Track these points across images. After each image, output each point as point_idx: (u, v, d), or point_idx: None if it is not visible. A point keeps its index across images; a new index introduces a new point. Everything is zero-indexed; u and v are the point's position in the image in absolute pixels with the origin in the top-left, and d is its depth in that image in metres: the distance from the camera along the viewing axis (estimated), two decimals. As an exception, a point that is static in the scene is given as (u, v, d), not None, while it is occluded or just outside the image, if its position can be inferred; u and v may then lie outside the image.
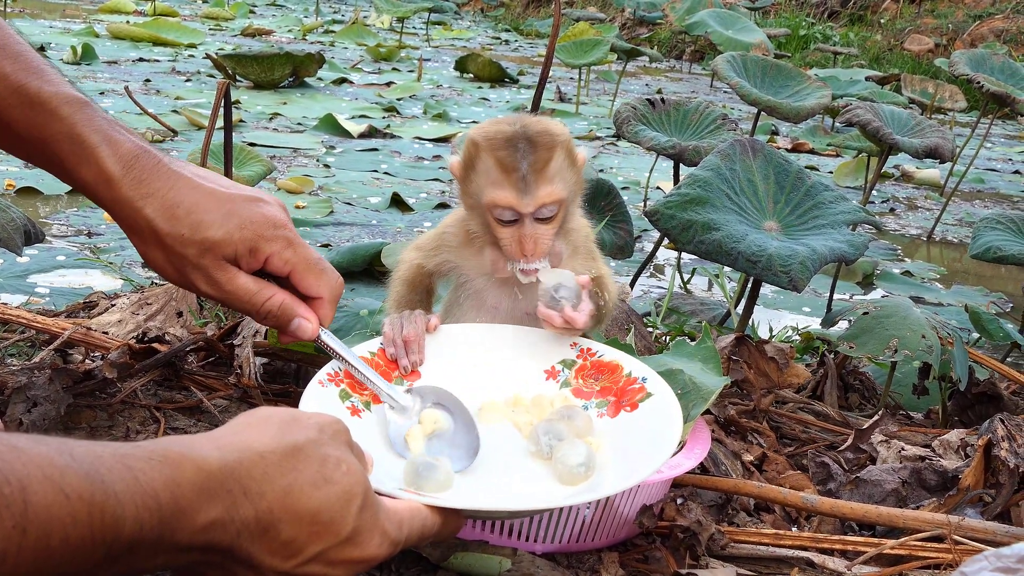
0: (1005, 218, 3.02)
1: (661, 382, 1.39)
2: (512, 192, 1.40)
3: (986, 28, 14.38)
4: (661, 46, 16.45)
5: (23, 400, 1.65)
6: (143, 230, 1.26)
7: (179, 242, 1.25)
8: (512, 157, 1.39)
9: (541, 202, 1.40)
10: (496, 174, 1.41)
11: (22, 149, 1.26)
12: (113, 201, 1.25)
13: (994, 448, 1.66)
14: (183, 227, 1.25)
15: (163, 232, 1.25)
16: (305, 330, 1.32)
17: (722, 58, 4.09)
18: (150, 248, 1.26)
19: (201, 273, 1.27)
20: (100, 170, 1.24)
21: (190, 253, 1.26)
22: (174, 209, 1.26)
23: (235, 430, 0.98)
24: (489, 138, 1.42)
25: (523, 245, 1.42)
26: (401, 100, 8.84)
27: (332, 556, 0.96)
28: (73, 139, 1.23)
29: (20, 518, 0.72)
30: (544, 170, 1.40)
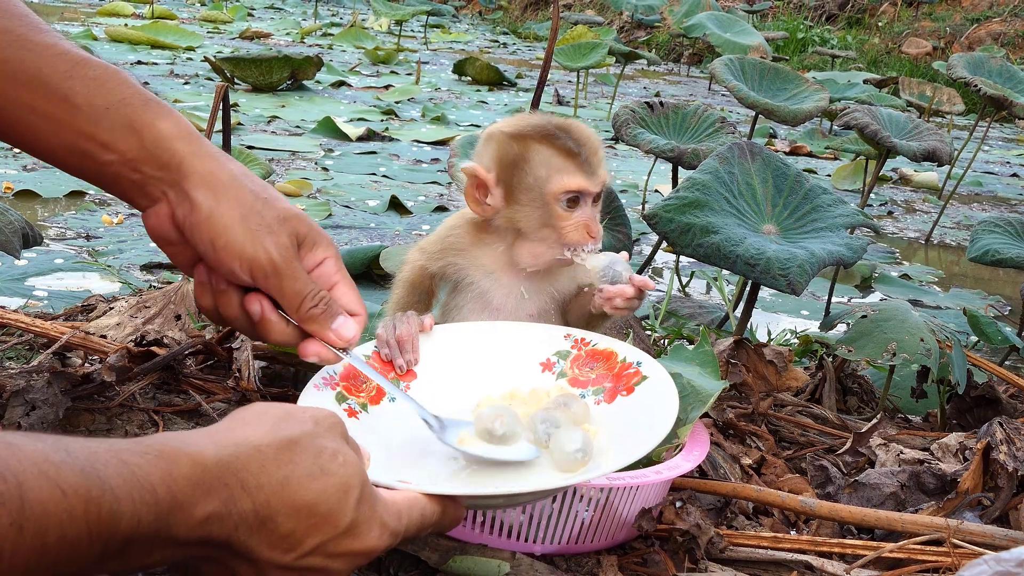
0: (1003, 221, 3.02)
1: (655, 365, 1.40)
2: (581, 175, 1.45)
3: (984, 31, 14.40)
4: (659, 49, 16.47)
5: (22, 403, 1.65)
6: (223, 183, 1.21)
7: (260, 201, 1.22)
8: (571, 142, 1.45)
9: (603, 180, 1.49)
10: (559, 161, 1.45)
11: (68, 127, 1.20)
12: (193, 154, 1.22)
13: (993, 451, 1.66)
14: (264, 192, 1.24)
15: (246, 188, 1.22)
16: (349, 329, 1.29)
17: (720, 61, 4.09)
18: (224, 204, 1.21)
19: (275, 239, 1.22)
20: (180, 123, 1.23)
21: (268, 216, 1.22)
22: (252, 176, 1.26)
23: (231, 425, 0.98)
24: (536, 130, 1.46)
25: (589, 227, 1.47)
26: (399, 103, 8.84)
27: (331, 548, 0.96)
28: (147, 99, 1.23)
29: (17, 515, 0.72)
30: (597, 152, 1.49)
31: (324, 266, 1.30)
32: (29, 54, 1.18)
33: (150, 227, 1.26)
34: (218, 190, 1.21)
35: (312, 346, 1.29)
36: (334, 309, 1.28)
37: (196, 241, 1.22)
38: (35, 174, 5.02)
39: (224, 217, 1.20)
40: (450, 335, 1.50)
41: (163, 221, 1.24)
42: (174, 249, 1.27)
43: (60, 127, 1.20)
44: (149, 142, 1.21)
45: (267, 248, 1.21)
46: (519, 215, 1.49)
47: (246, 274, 1.22)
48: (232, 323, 1.30)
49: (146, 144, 1.20)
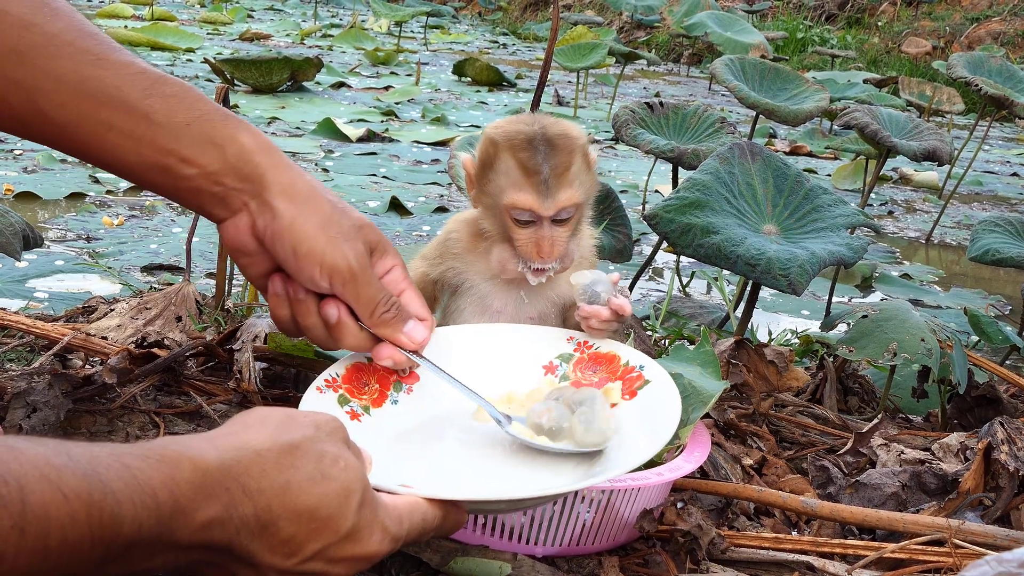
0: (1003, 220, 3.02)
1: (658, 368, 1.39)
2: (533, 195, 1.41)
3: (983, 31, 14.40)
4: (659, 49, 16.47)
5: (22, 405, 1.65)
6: (302, 193, 1.26)
7: (338, 211, 1.27)
8: (533, 159, 1.40)
9: (561, 206, 1.42)
10: (517, 175, 1.42)
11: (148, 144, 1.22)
12: (273, 166, 1.26)
13: (994, 451, 1.66)
14: (339, 203, 1.29)
15: (324, 198, 1.27)
16: (420, 332, 1.34)
17: (720, 61, 4.09)
18: (305, 212, 1.25)
19: (352, 246, 1.27)
20: (258, 137, 1.27)
21: (346, 224, 1.27)
22: (325, 187, 1.30)
23: (232, 430, 0.98)
24: (510, 138, 1.42)
25: (540, 247, 1.43)
26: (399, 104, 8.84)
27: (332, 553, 0.96)
28: (226, 115, 1.26)
29: (18, 518, 0.72)
30: (564, 174, 1.42)
31: (393, 273, 1.35)
32: (108, 73, 1.21)
33: (228, 238, 1.29)
34: (298, 200, 1.26)
35: (385, 350, 1.34)
36: (405, 314, 1.33)
37: (277, 249, 1.26)
38: (35, 176, 5.02)
39: (305, 225, 1.25)
40: (452, 337, 1.50)
41: (242, 232, 1.28)
42: (250, 260, 1.31)
43: (141, 144, 1.22)
44: (231, 155, 1.24)
45: (346, 255, 1.26)
46: (485, 219, 1.49)
47: (325, 280, 1.26)
48: (308, 331, 1.33)
49: (228, 157, 1.24)
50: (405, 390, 1.42)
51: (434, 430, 1.37)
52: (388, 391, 1.41)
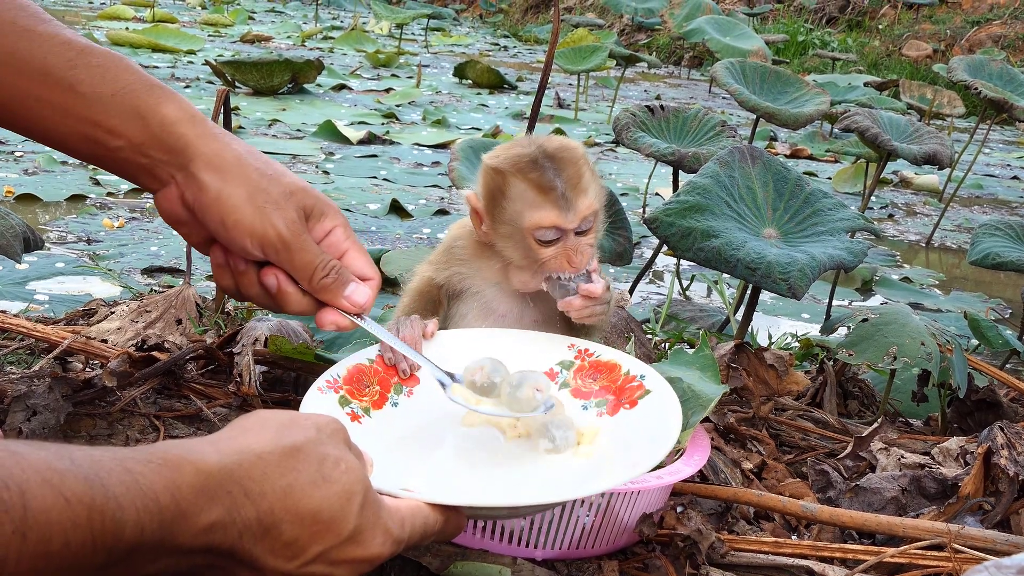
0: (1004, 224, 3.02)
1: (659, 378, 1.40)
2: (555, 211, 1.41)
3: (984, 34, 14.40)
4: (660, 52, 16.48)
5: (23, 409, 1.65)
6: (228, 163, 1.25)
7: (265, 179, 1.26)
8: (546, 177, 1.41)
9: (582, 215, 1.43)
10: (533, 196, 1.42)
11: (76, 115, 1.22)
12: (198, 136, 1.25)
13: (994, 456, 1.66)
14: (269, 169, 1.28)
15: (251, 167, 1.26)
16: (361, 294, 1.32)
17: (720, 64, 4.09)
18: (231, 184, 1.24)
19: (282, 214, 1.25)
20: (184, 107, 1.26)
21: (275, 192, 1.26)
22: (257, 154, 1.29)
23: (233, 433, 0.98)
24: (514, 163, 1.43)
25: (570, 258, 1.44)
26: (400, 106, 8.85)
27: (335, 556, 0.96)
28: (151, 84, 1.25)
29: (20, 523, 0.72)
30: (579, 184, 1.43)
31: (333, 235, 1.33)
32: (33, 44, 1.20)
33: (162, 209, 1.29)
34: (224, 171, 1.24)
35: (328, 315, 1.33)
36: (345, 277, 1.31)
37: (207, 221, 1.25)
38: (36, 178, 5.02)
39: (232, 197, 1.24)
40: (454, 340, 1.50)
41: (174, 203, 1.28)
42: (187, 229, 1.30)
43: (67, 115, 1.22)
44: (155, 127, 1.24)
45: (275, 224, 1.25)
46: (503, 246, 1.49)
47: (257, 250, 1.26)
48: (253, 299, 1.33)
49: (152, 129, 1.23)
50: (405, 392, 1.42)
51: (434, 433, 1.37)
52: (388, 393, 1.41)
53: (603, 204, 1.51)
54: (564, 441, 1.31)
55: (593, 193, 1.45)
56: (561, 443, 1.31)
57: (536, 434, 1.33)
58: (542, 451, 1.31)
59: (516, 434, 1.35)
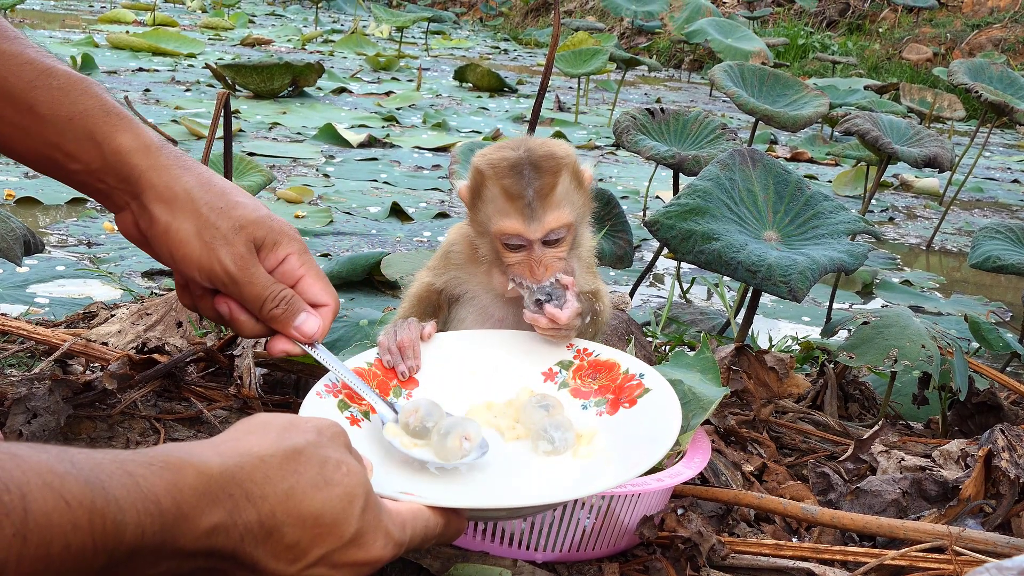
0: (1004, 227, 3.02)
1: (658, 377, 1.40)
2: (519, 220, 1.40)
3: (984, 37, 14.41)
4: (660, 55, 16.48)
5: (23, 411, 1.65)
6: (178, 197, 1.25)
7: (215, 212, 1.26)
8: (517, 185, 1.39)
9: (548, 228, 1.41)
10: (502, 202, 1.41)
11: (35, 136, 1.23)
12: (150, 167, 1.25)
13: (994, 459, 1.66)
14: (220, 201, 1.27)
15: (201, 201, 1.26)
16: (311, 325, 1.32)
17: (720, 67, 4.09)
18: (179, 218, 1.25)
19: (230, 249, 1.26)
20: (139, 136, 1.26)
21: (224, 227, 1.26)
22: (210, 186, 1.29)
23: (235, 436, 0.98)
24: (494, 166, 1.42)
25: (532, 269, 1.42)
26: (400, 109, 8.85)
27: (336, 558, 0.96)
28: (108, 111, 1.25)
29: (20, 526, 0.72)
30: (550, 196, 1.40)
31: (287, 263, 1.33)
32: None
33: (122, 230, 1.32)
34: (174, 204, 1.26)
35: (278, 343, 1.34)
36: (295, 307, 1.32)
37: (157, 252, 1.28)
38: (37, 181, 5.03)
39: (180, 231, 1.25)
40: (453, 343, 1.50)
41: (130, 227, 1.30)
42: (148, 250, 1.32)
43: (27, 135, 1.23)
44: (109, 155, 1.25)
45: (222, 260, 1.26)
46: (480, 243, 1.50)
47: (206, 282, 1.28)
48: (213, 320, 1.36)
49: (107, 157, 1.25)
50: (404, 396, 1.42)
51: None
52: (388, 397, 1.41)
53: (582, 218, 1.48)
54: (563, 442, 1.31)
55: (567, 206, 1.42)
56: (560, 444, 1.31)
57: (535, 436, 1.33)
58: (541, 453, 1.31)
59: (515, 436, 1.36)
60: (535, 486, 1.27)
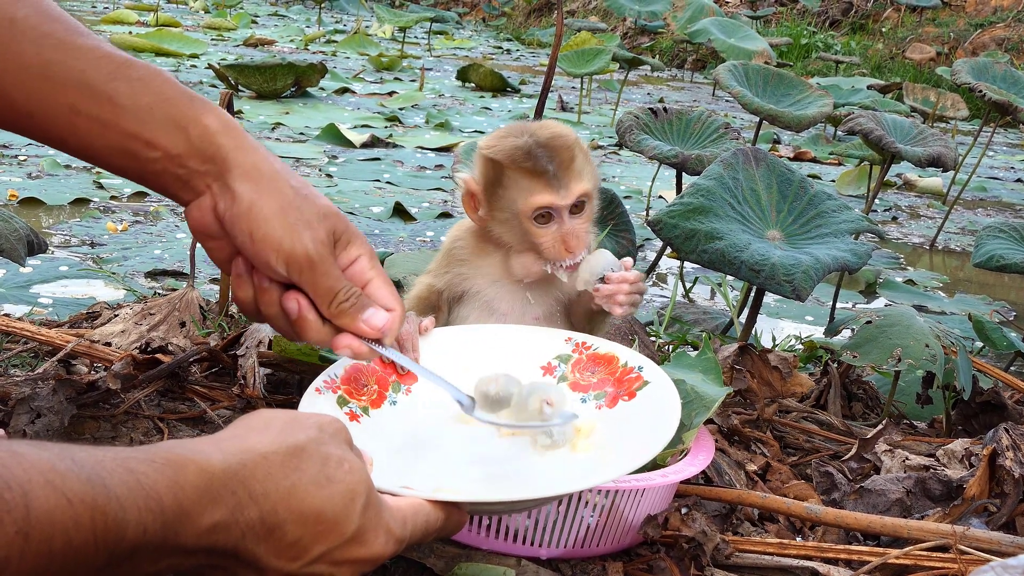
0: (1008, 227, 3.02)
1: (657, 370, 1.40)
2: (548, 191, 1.47)
3: (988, 36, 14.40)
4: (663, 55, 16.48)
5: (27, 411, 1.65)
6: (264, 176, 1.24)
7: (300, 197, 1.24)
8: (539, 163, 1.47)
9: (576, 194, 1.49)
10: (527, 182, 1.48)
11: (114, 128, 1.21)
12: (237, 147, 1.24)
13: (999, 458, 1.66)
14: (305, 189, 1.26)
15: (287, 183, 1.24)
16: (379, 318, 1.29)
17: (724, 67, 4.09)
18: (265, 197, 1.23)
19: (312, 234, 1.23)
20: (223, 118, 1.25)
21: (308, 211, 1.24)
22: (293, 172, 1.28)
23: (236, 433, 0.98)
24: (508, 154, 1.48)
25: (567, 242, 1.50)
26: (403, 110, 8.85)
27: (337, 556, 0.96)
28: (191, 96, 1.25)
29: (22, 523, 0.72)
30: (571, 166, 1.49)
31: (358, 263, 1.32)
32: (73, 57, 1.20)
33: (193, 221, 1.28)
34: (260, 183, 1.23)
35: (344, 339, 1.29)
36: (364, 303, 1.29)
37: (235, 233, 1.24)
38: (40, 182, 5.03)
39: (264, 209, 1.22)
40: (452, 338, 1.51)
41: (206, 214, 1.26)
42: (215, 244, 1.28)
43: (105, 128, 1.22)
44: (195, 137, 1.23)
45: (304, 243, 1.23)
46: (502, 231, 1.54)
47: (282, 267, 1.23)
48: (269, 320, 1.31)
49: (192, 139, 1.23)
50: (404, 391, 1.42)
51: (433, 431, 1.37)
52: (387, 392, 1.41)
53: (596, 186, 1.56)
54: (562, 436, 1.31)
55: (587, 174, 1.52)
56: (559, 438, 1.31)
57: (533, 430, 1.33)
58: (540, 447, 1.32)
59: (510, 431, 1.36)
60: (535, 479, 1.27)
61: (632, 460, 1.19)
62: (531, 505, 1.27)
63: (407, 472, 1.24)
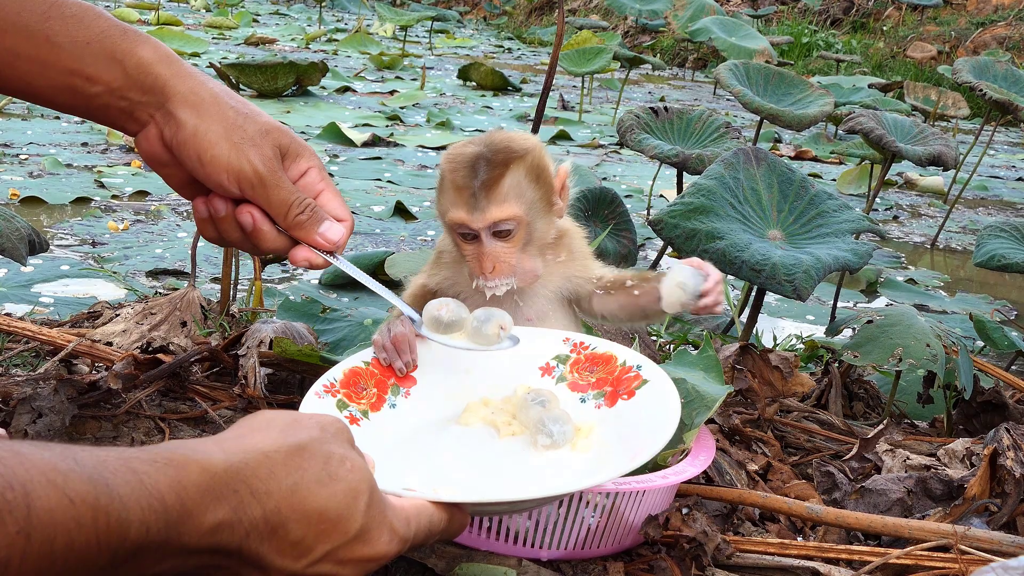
0: (1009, 226, 3.02)
1: (656, 368, 1.40)
2: (464, 210, 1.44)
3: (989, 35, 14.39)
4: (664, 54, 16.47)
5: (28, 411, 1.65)
6: (204, 101, 1.26)
7: (241, 116, 1.27)
8: (465, 176, 1.43)
9: (492, 219, 1.44)
10: (452, 194, 1.45)
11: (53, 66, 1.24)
12: (174, 75, 1.27)
13: (1000, 457, 1.66)
14: (244, 108, 1.29)
15: (226, 104, 1.27)
16: (335, 232, 1.33)
17: (724, 66, 4.09)
18: (207, 120, 1.26)
19: (258, 151, 1.27)
20: (158, 49, 1.28)
21: (251, 129, 1.27)
22: (232, 94, 1.31)
23: (239, 432, 0.98)
24: (450, 160, 1.47)
25: (482, 265, 1.46)
26: (404, 108, 8.85)
27: (342, 555, 0.96)
28: (124, 30, 1.27)
29: (24, 523, 0.72)
30: (495, 187, 1.43)
31: (308, 175, 1.35)
32: (5, 0, 1.22)
33: (142, 151, 1.31)
34: (200, 108, 1.26)
35: (301, 251, 1.33)
36: (320, 215, 1.32)
37: (184, 158, 1.27)
38: (41, 181, 5.03)
39: (209, 133, 1.26)
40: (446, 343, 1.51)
41: (153, 143, 1.29)
42: (167, 171, 1.32)
43: (46, 67, 1.24)
44: (132, 69, 1.25)
45: (251, 160, 1.26)
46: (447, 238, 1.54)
47: (234, 186, 1.27)
48: (235, 244, 1.35)
49: (129, 71, 1.25)
50: (402, 394, 1.43)
51: (432, 433, 1.38)
52: (386, 395, 1.41)
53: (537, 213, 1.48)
54: (562, 436, 1.31)
55: (515, 199, 1.44)
56: (559, 438, 1.31)
57: (534, 430, 1.34)
58: (540, 447, 1.32)
59: (510, 432, 1.36)
60: (536, 480, 1.27)
61: (633, 459, 1.19)
62: (533, 505, 1.27)
63: (408, 474, 1.24)
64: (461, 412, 1.40)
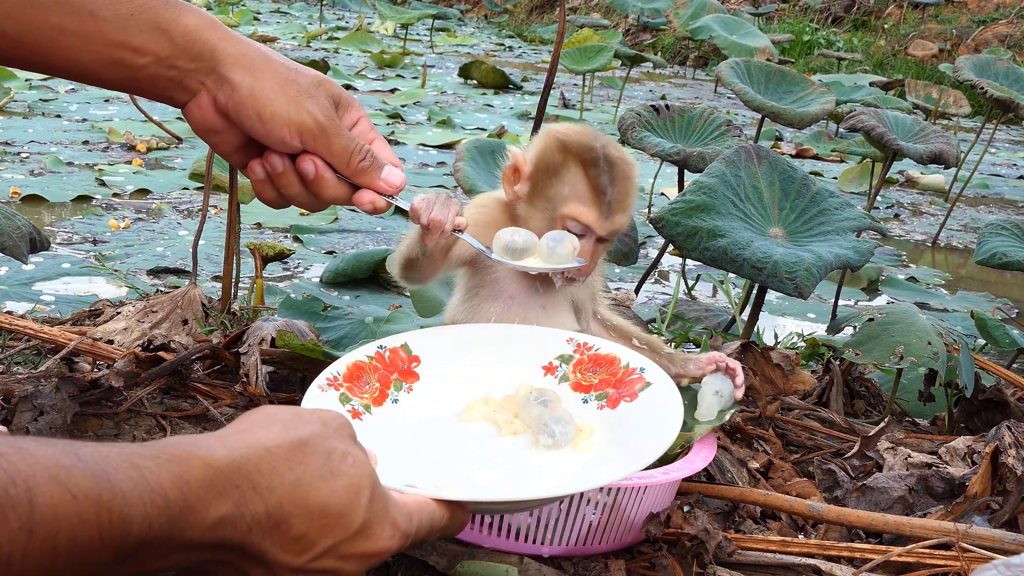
0: (1010, 224, 3.01)
1: (659, 371, 1.40)
2: (595, 214, 1.46)
3: (990, 33, 14.38)
4: (665, 52, 16.46)
5: (30, 409, 1.65)
6: (255, 61, 1.28)
7: (291, 71, 1.30)
8: (602, 180, 1.46)
9: (615, 228, 1.49)
10: (584, 191, 1.46)
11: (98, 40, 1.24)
12: (222, 39, 1.28)
13: (1001, 455, 1.66)
14: (291, 64, 1.32)
15: (277, 61, 1.30)
16: (396, 177, 1.36)
17: (726, 64, 4.08)
18: (261, 79, 1.27)
19: (315, 102, 1.29)
20: (202, 15, 1.29)
21: (304, 83, 1.30)
22: (276, 53, 1.33)
23: (241, 428, 0.98)
24: (582, 152, 1.47)
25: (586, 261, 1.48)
26: (405, 107, 8.85)
27: (344, 550, 0.96)
28: (167, 0, 1.27)
29: (26, 519, 0.72)
30: (625, 199, 1.48)
31: (360, 125, 1.39)
32: None
33: (194, 120, 1.32)
34: (253, 68, 1.28)
35: (366, 195, 1.36)
36: (380, 161, 1.36)
37: (243, 119, 1.28)
38: (42, 179, 5.03)
39: (265, 90, 1.27)
40: (454, 336, 1.51)
41: (206, 110, 1.30)
42: (220, 137, 1.33)
43: (90, 42, 1.24)
44: (179, 37, 1.26)
45: (311, 111, 1.29)
46: (531, 216, 1.51)
47: (296, 139, 1.29)
48: (294, 200, 1.37)
49: (176, 40, 1.26)
50: (405, 389, 1.43)
51: (435, 429, 1.38)
52: (388, 390, 1.41)
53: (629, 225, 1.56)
54: (564, 436, 1.32)
55: (631, 211, 1.51)
56: (561, 438, 1.31)
57: (535, 430, 1.34)
58: (542, 447, 1.32)
59: (512, 431, 1.36)
60: (538, 479, 1.27)
61: (634, 462, 1.20)
62: (534, 505, 1.27)
63: (410, 470, 1.24)
64: (463, 409, 1.40)
